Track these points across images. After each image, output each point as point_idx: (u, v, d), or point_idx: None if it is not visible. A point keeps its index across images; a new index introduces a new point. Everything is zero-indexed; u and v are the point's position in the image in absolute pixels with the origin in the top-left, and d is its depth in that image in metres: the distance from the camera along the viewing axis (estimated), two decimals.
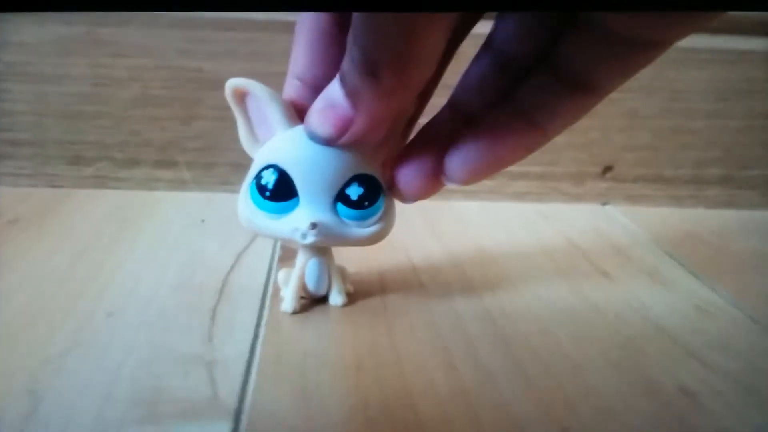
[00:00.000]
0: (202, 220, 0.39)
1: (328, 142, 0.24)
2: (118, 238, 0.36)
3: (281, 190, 0.26)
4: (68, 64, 0.41)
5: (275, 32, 0.41)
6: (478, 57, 0.25)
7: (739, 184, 0.48)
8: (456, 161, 0.24)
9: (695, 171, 0.47)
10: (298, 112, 0.26)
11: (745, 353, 0.28)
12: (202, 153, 0.43)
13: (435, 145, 0.25)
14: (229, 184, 0.44)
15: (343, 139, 0.24)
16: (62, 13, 0.40)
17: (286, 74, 0.42)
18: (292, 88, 0.26)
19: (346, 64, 0.21)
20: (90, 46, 0.41)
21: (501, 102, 0.24)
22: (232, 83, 0.26)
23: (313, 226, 0.26)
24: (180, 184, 0.44)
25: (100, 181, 0.43)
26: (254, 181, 0.26)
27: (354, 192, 0.26)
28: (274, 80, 0.29)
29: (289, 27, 0.41)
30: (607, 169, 0.46)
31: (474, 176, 0.25)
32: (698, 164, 0.47)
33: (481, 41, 0.25)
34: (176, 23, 0.41)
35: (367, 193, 0.26)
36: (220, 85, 0.42)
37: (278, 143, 0.26)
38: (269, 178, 0.26)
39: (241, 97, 0.26)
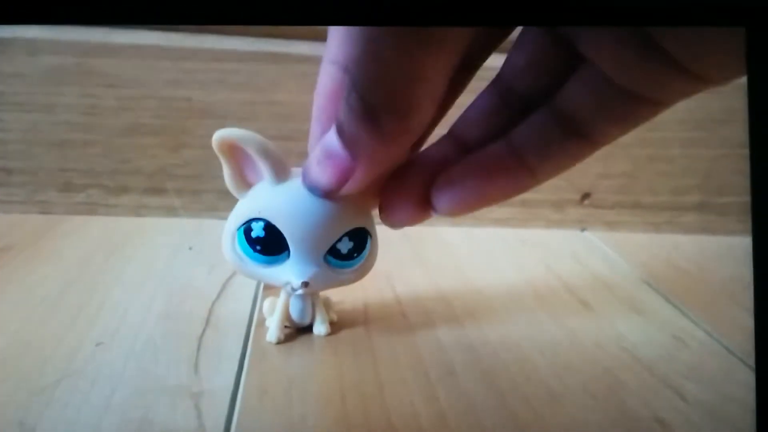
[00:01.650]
0: (190, 248, 0.40)
1: (329, 193, 0.24)
2: (108, 265, 0.37)
3: (272, 245, 0.26)
4: (59, 93, 0.42)
5: (262, 63, 0.42)
6: (485, 90, 0.25)
7: (715, 211, 0.49)
8: (443, 193, 0.24)
9: (672, 198, 0.48)
10: (334, 100, 0.24)
11: (719, 383, 0.29)
12: (191, 180, 0.44)
13: (426, 173, 0.24)
14: (217, 210, 0.44)
15: (345, 189, 0.23)
16: (53, 44, 0.41)
17: (273, 104, 0.43)
18: (327, 75, 0.25)
19: (343, 112, 0.20)
20: (80, 77, 0.41)
21: (497, 137, 0.24)
22: (220, 136, 0.25)
23: (305, 285, 0.27)
24: (169, 211, 0.44)
25: (91, 208, 0.44)
26: (242, 229, 0.26)
27: (344, 247, 0.27)
28: (261, 109, 0.29)
29: (276, 58, 0.42)
30: (585, 195, 0.47)
31: (459, 210, 0.24)
32: (675, 191, 0.48)
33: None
34: (165, 54, 0.41)
35: (356, 245, 0.27)
36: (208, 115, 0.43)
37: (270, 197, 0.26)
38: (259, 232, 0.26)
39: (230, 148, 0.26)
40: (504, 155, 0.23)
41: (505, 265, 0.41)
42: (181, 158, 0.43)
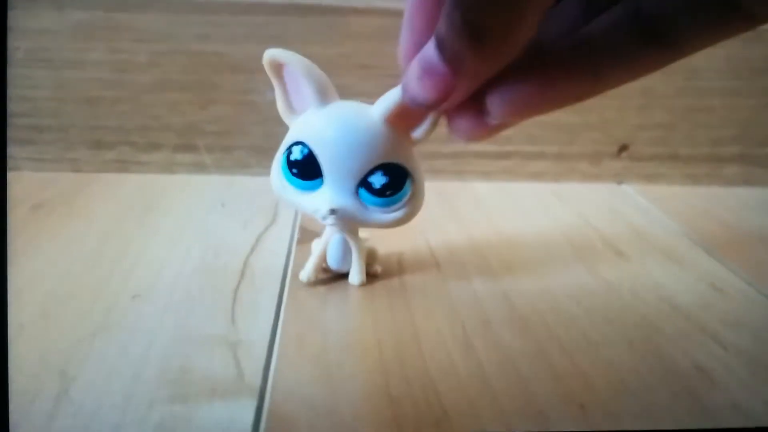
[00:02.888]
0: (222, 204, 0.40)
1: (431, 107, 0.22)
2: (142, 221, 0.37)
3: (307, 169, 0.27)
4: (88, 49, 0.41)
5: (291, 16, 0.41)
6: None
7: (755, 162, 0.48)
8: (497, 94, 0.22)
9: (712, 149, 0.47)
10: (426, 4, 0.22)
11: (758, 332, 0.28)
12: (221, 137, 0.44)
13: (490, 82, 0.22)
14: (248, 167, 0.44)
15: (447, 104, 0.22)
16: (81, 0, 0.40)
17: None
18: None
19: (444, 29, 0.19)
20: (109, 32, 0.41)
21: (565, 35, 0.22)
22: (270, 54, 0.26)
23: (333, 211, 0.26)
24: (200, 168, 0.44)
25: (122, 166, 0.44)
26: (286, 153, 0.27)
27: (377, 181, 0.26)
28: None
29: (305, 10, 0.41)
30: (623, 148, 0.46)
31: (513, 113, 0.22)
32: (715, 142, 0.47)
33: None
34: (194, 8, 0.41)
35: (390, 182, 0.27)
36: (237, 69, 0.42)
37: (310, 120, 0.27)
38: (298, 155, 0.27)
39: (278, 68, 0.26)
40: (570, 54, 0.21)
41: (539, 219, 0.41)
42: (211, 114, 0.43)
